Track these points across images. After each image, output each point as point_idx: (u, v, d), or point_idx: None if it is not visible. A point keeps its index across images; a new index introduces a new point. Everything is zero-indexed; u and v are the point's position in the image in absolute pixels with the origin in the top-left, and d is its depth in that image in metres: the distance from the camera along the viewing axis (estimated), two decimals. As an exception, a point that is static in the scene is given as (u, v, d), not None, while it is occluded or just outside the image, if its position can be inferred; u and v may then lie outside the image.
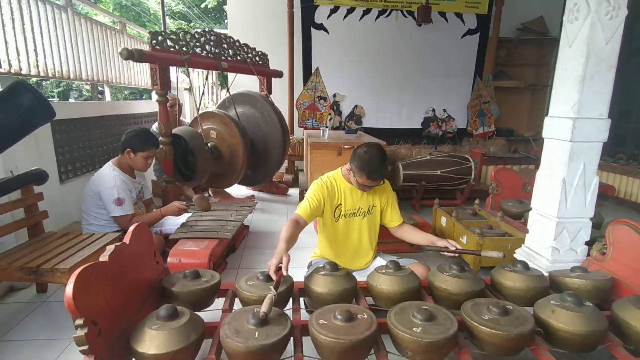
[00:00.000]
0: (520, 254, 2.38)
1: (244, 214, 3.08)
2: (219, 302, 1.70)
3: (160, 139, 3.23)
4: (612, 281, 1.78)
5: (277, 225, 3.72)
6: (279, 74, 4.76)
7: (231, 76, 4.52)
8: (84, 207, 2.55)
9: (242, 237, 3.32)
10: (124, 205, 2.48)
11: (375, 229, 2.13)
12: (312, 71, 5.81)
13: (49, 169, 2.51)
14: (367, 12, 5.70)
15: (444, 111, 6.17)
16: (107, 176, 2.49)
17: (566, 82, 2.08)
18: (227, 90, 4.12)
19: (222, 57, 3.78)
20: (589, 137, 2.05)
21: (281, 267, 1.56)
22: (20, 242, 2.25)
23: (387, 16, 5.73)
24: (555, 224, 2.13)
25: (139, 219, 2.59)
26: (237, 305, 1.67)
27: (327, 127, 5.43)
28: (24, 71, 2.79)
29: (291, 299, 1.70)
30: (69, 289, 1.09)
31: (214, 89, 7.33)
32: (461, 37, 5.93)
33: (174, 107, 4.09)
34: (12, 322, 2.05)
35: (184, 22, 17.19)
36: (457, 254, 1.82)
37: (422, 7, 5.46)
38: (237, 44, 4.02)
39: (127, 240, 1.50)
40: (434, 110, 6.14)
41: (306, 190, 4.32)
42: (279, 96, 5.02)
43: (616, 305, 1.56)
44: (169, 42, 3.19)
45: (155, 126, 3.92)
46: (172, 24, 15.99)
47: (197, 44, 3.46)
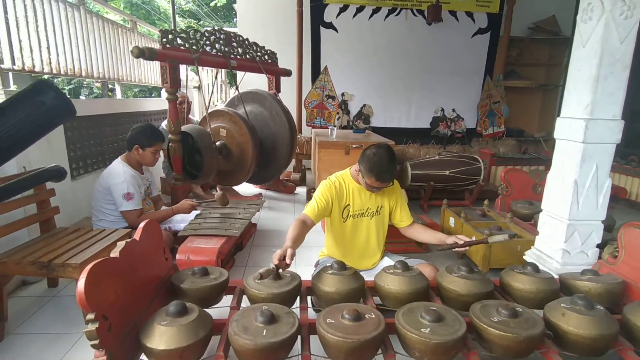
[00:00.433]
0: (529, 256, 2.35)
1: (252, 212, 3.10)
2: (227, 300, 1.72)
3: (169, 136, 3.26)
4: (624, 285, 1.75)
5: (284, 223, 3.73)
6: (287, 73, 4.77)
7: (240, 74, 4.54)
8: (93, 203, 2.58)
9: (250, 235, 3.33)
10: (133, 200, 2.51)
11: (383, 230, 2.12)
12: (321, 70, 5.81)
13: (62, 165, 2.54)
14: (376, 10, 5.69)
15: (453, 111, 6.12)
16: (117, 171, 2.52)
17: (579, 82, 2.05)
18: (236, 88, 4.13)
19: (232, 56, 3.79)
20: (601, 139, 2.01)
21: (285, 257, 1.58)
22: (32, 237, 2.29)
23: (396, 15, 5.71)
24: (566, 226, 2.10)
25: (150, 215, 2.64)
26: (245, 302, 1.68)
27: (335, 126, 5.43)
28: (37, 68, 2.83)
29: (298, 297, 1.71)
30: (81, 283, 1.10)
31: (223, 87, 7.36)
32: (472, 36, 5.88)
33: (183, 104, 4.11)
34: (24, 316, 2.08)
35: (193, 20, 17.28)
36: (467, 247, 1.82)
37: (432, 6, 5.42)
38: (246, 42, 4.03)
39: (137, 236, 1.51)
40: (443, 110, 6.10)
41: (314, 189, 4.35)
42: (287, 95, 5.02)
43: (627, 309, 1.54)
44: (179, 41, 3.21)
45: (164, 124, 3.95)
46: (181, 22, 16.08)
47: (207, 43, 3.48)
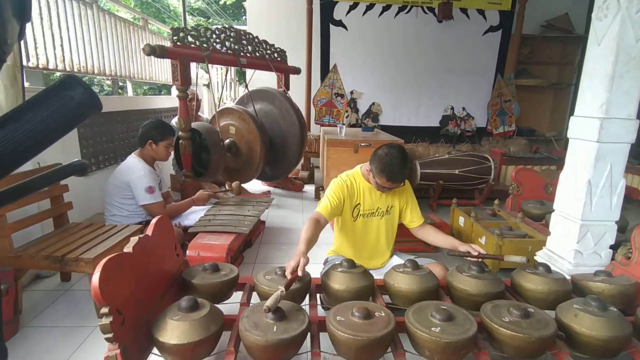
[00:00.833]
0: (541, 257, 2.33)
1: (261, 209, 3.11)
2: (237, 296, 1.73)
3: (179, 133, 3.29)
4: (637, 286, 1.73)
5: (292, 221, 3.74)
6: (297, 71, 4.77)
7: (249, 72, 4.55)
8: (107, 198, 2.61)
9: (259, 232, 3.34)
10: (154, 193, 2.57)
11: (393, 230, 2.12)
12: (330, 68, 5.81)
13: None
14: (386, 8, 5.66)
15: (463, 109, 6.07)
16: (136, 166, 2.58)
17: (594, 80, 2.02)
18: (246, 86, 4.14)
19: (241, 54, 3.80)
20: (616, 138, 1.98)
21: (297, 269, 1.55)
22: (46, 232, 2.33)
23: (407, 12, 5.67)
24: (579, 227, 2.07)
25: (175, 206, 2.79)
26: (255, 299, 1.69)
27: (344, 125, 5.42)
28: (51, 66, 2.87)
29: (308, 294, 1.71)
30: (96, 278, 1.12)
31: (232, 85, 7.39)
32: (483, 34, 5.82)
33: (193, 102, 4.14)
34: (38, 309, 2.12)
35: (202, 18, 17.37)
36: (479, 259, 1.80)
37: (443, 3, 5.38)
38: (256, 40, 4.04)
39: (149, 232, 1.53)
40: (452, 108, 6.05)
41: (322, 187, 4.36)
42: (296, 93, 5.02)
43: (642, 311, 1.52)
44: (190, 39, 3.22)
45: (174, 121, 3.98)
46: (190, 21, 16.18)
47: (217, 40, 3.49)
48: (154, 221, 1.59)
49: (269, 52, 4.24)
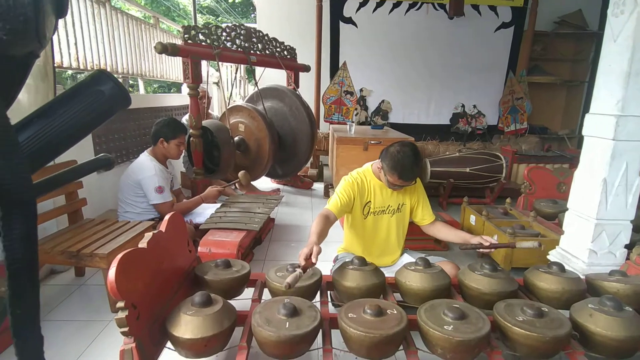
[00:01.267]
0: (554, 256, 2.30)
1: (271, 206, 3.12)
2: (248, 292, 1.74)
3: (190, 131, 3.31)
4: (654, 286, 1.70)
5: (302, 218, 3.75)
6: (306, 68, 4.77)
7: (259, 70, 4.56)
8: (120, 195, 2.65)
9: (268, 230, 3.36)
10: (164, 192, 2.59)
11: (403, 228, 2.11)
12: (340, 65, 5.79)
13: (87, 158, 2.62)
14: (396, 5, 5.62)
15: (474, 107, 6.02)
16: (147, 165, 2.60)
17: (610, 77, 1.98)
18: (256, 84, 4.16)
19: (251, 51, 3.81)
20: (633, 136, 1.95)
21: (311, 256, 1.56)
22: (60, 227, 2.37)
23: (417, 9, 5.63)
24: (593, 226, 2.05)
25: (183, 205, 2.79)
26: (266, 295, 1.70)
27: (353, 122, 5.41)
28: (65, 64, 2.91)
29: (319, 292, 1.72)
30: (112, 272, 1.14)
31: (242, 82, 7.42)
32: (494, 30, 5.75)
33: (203, 100, 4.17)
34: (53, 303, 2.16)
35: (211, 16, 17.44)
36: (492, 249, 1.79)
37: (454, 0, 5.32)
38: (266, 38, 4.04)
39: (163, 228, 1.55)
40: (463, 106, 6.00)
41: (331, 185, 4.35)
42: (306, 90, 5.02)
43: (658, 311, 1.49)
44: (201, 37, 3.24)
45: (185, 118, 4.01)
46: (200, 19, 16.26)
47: (228, 38, 3.51)
48: (167, 217, 1.60)
49: (278, 49, 4.25)
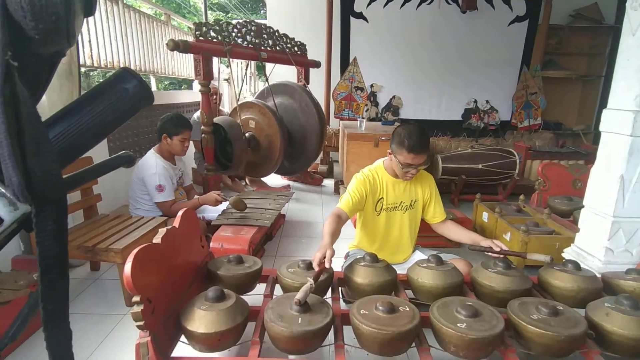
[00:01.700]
0: (569, 254, 2.26)
1: (282, 203, 3.13)
2: (260, 288, 1.75)
3: (202, 127, 3.33)
4: (672, 286, 1.66)
5: (312, 215, 3.76)
6: (316, 64, 4.75)
7: (269, 66, 4.56)
8: (131, 192, 2.67)
9: (279, 226, 3.38)
10: (164, 191, 2.57)
11: (416, 224, 2.10)
12: (350, 61, 5.75)
13: (102, 156, 2.65)
14: (408, -1, 5.56)
15: (487, 102, 5.93)
16: (150, 163, 2.58)
17: (628, 72, 1.93)
18: (266, 80, 4.16)
19: (262, 48, 3.81)
20: (652, 132, 1.90)
21: (324, 261, 1.56)
22: (76, 223, 2.41)
23: (429, 3, 5.56)
24: (610, 223, 2.00)
25: (179, 205, 2.70)
26: (277, 291, 1.71)
27: (364, 118, 5.38)
28: (80, 62, 2.94)
29: (330, 288, 1.72)
30: (128, 267, 1.16)
31: (252, 79, 7.43)
32: (508, 24, 5.65)
33: (214, 96, 4.19)
34: (70, 297, 2.20)
35: (221, 13, 17.48)
36: (502, 255, 1.76)
37: (466, -6, 5.24)
38: (276, 34, 4.04)
39: (176, 224, 1.56)
40: (475, 101, 5.92)
41: (341, 181, 4.35)
42: (316, 86, 5.01)
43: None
44: (212, 33, 3.25)
45: (197, 115, 4.04)
46: (210, 15, 16.30)
47: (239, 35, 3.52)
48: (180, 213, 1.62)
49: (289, 45, 4.24)
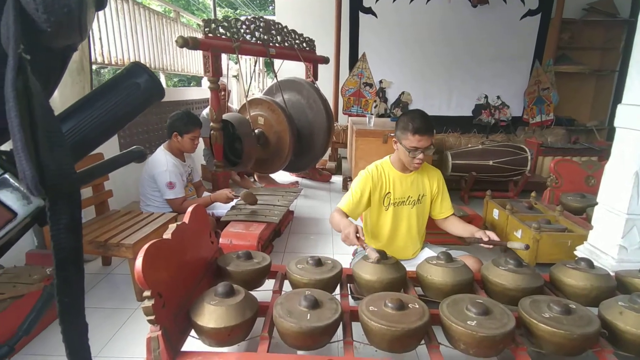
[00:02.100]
0: (582, 252, 2.23)
1: (290, 199, 3.14)
2: (269, 284, 1.76)
3: (211, 124, 3.35)
4: (688, 285, 1.63)
5: (320, 211, 3.76)
6: (325, 60, 4.73)
7: (278, 63, 4.55)
8: (141, 189, 2.69)
9: (287, 222, 3.38)
10: (175, 188, 2.58)
11: (424, 219, 2.09)
12: (359, 57, 5.70)
13: (112, 152, 2.68)
14: (418, -6, 5.49)
15: (498, 98, 5.85)
16: (161, 160, 2.60)
17: (645, 66, 1.89)
18: (275, 76, 4.16)
19: (270, 44, 3.81)
20: (668, 127, 1.86)
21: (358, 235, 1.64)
22: (87, 218, 2.44)
23: (439, -2, 5.48)
24: (624, 221, 1.97)
25: (190, 202, 2.73)
26: (286, 287, 1.72)
27: (372, 115, 5.35)
28: (91, 59, 2.97)
29: (339, 285, 1.72)
30: (139, 262, 1.17)
31: (260, 75, 7.44)
32: (520, 18, 5.55)
33: (222, 92, 4.19)
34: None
35: (230, 9, 17.50)
36: (490, 245, 1.78)
37: (477, -12, 5.16)
38: (285, 30, 4.02)
39: (186, 220, 1.58)
40: (486, 97, 5.84)
41: (350, 177, 4.34)
42: (324, 82, 4.99)
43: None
44: (221, 30, 3.25)
45: (205, 112, 4.06)
46: (218, 12, 16.32)
47: (247, 31, 3.51)
48: (190, 209, 1.63)
49: (297, 41, 4.22)
